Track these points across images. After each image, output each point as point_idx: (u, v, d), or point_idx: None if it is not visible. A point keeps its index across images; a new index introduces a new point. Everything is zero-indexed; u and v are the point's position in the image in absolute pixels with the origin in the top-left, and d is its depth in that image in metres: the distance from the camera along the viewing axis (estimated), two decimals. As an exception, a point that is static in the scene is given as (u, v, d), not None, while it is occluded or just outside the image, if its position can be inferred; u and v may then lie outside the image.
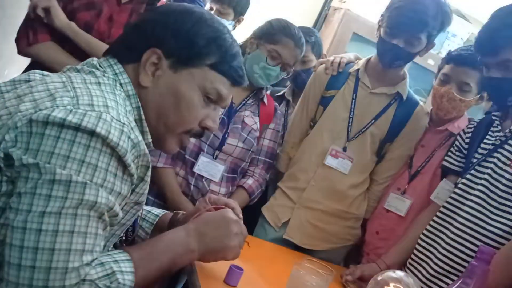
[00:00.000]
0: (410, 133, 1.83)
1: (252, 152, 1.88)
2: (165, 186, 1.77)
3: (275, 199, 1.93)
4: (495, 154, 1.43)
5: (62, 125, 0.76)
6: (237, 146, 1.81)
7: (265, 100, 1.92)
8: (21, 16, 1.64)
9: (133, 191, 0.89)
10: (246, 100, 1.88)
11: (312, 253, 1.80)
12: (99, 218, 0.79)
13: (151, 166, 0.91)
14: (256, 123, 1.88)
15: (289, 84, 2.36)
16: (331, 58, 1.93)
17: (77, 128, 0.76)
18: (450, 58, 1.74)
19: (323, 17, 3.63)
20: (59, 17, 1.56)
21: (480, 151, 1.51)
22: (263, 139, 1.92)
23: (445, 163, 1.66)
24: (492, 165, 1.42)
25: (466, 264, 1.37)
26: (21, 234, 0.73)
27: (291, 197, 1.88)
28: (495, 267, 1.19)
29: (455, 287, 0.99)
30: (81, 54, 1.57)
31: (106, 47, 1.03)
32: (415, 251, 1.58)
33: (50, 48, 1.60)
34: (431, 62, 3.18)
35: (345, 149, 1.82)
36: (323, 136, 1.85)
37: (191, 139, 1.74)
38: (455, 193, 1.51)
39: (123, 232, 0.99)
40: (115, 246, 1.03)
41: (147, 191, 0.94)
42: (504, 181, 1.37)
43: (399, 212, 1.78)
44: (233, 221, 1.03)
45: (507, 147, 1.41)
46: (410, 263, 1.59)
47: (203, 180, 1.78)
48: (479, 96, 1.72)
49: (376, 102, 1.82)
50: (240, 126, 1.84)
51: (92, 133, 0.77)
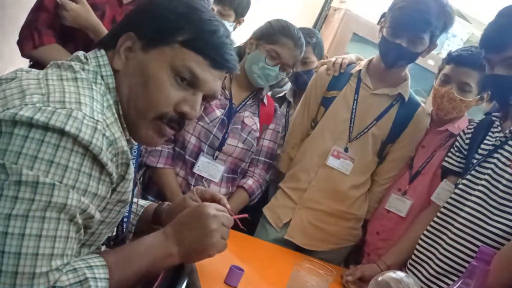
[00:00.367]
0: (411, 134, 1.83)
1: (252, 153, 1.88)
2: (165, 186, 1.77)
3: (276, 199, 1.93)
4: (495, 155, 1.43)
5: (30, 124, 0.73)
6: (237, 146, 1.81)
7: (265, 100, 1.92)
8: (22, 17, 1.64)
9: (114, 190, 0.87)
10: (246, 100, 1.88)
11: (313, 253, 1.80)
12: (70, 221, 0.76)
13: (131, 163, 0.87)
14: (256, 123, 1.88)
15: (288, 83, 2.36)
16: (332, 59, 1.93)
17: (46, 127, 0.74)
18: (451, 58, 1.74)
19: (323, 18, 3.64)
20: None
21: (480, 151, 1.51)
22: (263, 139, 1.93)
23: (445, 163, 1.67)
24: (492, 165, 1.42)
25: (466, 265, 1.37)
26: None
27: (292, 197, 1.88)
28: (495, 267, 1.19)
29: (455, 287, 0.99)
30: None
31: None
32: (415, 252, 1.58)
33: (56, 50, 1.60)
34: (431, 62, 3.18)
35: (346, 149, 1.82)
36: (324, 137, 1.85)
37: (191, 139, 1.77)
38: (455, 193, 1.52)
39: (111, 230, 0.97)
40: (107, 245, 1.02)
41: (130, 189, 0.91)
42: (504, 181, 1.37)
43: (400, 212, 1.78)
44: (210, 217, 0.97)
45: (507, 147, 1.41)
46: (410, 263, 1.59)
47: (203, 180, 1.78)
48: (479, 96, 1.73)
49: (377, 103, 1.82)
50: (240, 127, 1.84)
51: (61, 132, 0.74)
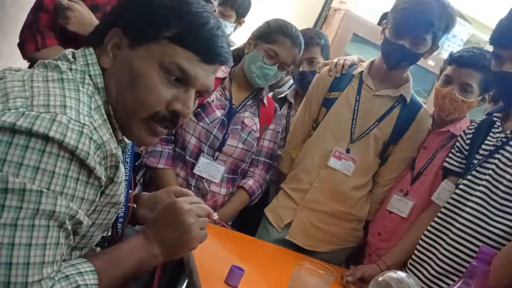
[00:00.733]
0: (413, 136, 1.83)
1: (252, 153, 1.88)
2: (165, 187, 1.76)
3: (277, 200, 1.93)
4: (496, 155, 1.43)
5: (13, 130, 0.71)
6: (237, 147, 1.81)
7: (265, 101, 1.92)
8: (22, 17, 1.64)
9: (103, 193, 0.85)
10: (246, 101, 1.88)
11: (314, 254, 1.80)
12: (59, 227, 0.75)
13: (121, 166, 0.85)
14: (256, 124, 1.88)
15: (287, 84, 2.36)
16: (335, 60, 1.93)
17: (30, 133, 0.71)
18: (452, 59, 1.74)
19: (323, 18, 3.63)
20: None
21: (481, 152, 1.51)
22: (263, 140, 1.93)
23: (446, 164, 1.67)
24: (493, 166, 1.42)
25: (467, 265, 1.37)
26: None
27: (294, 198, 1.88)
28: (495, 267, 1.19)
29: (456, 287, 0.99)
30: None
31: None
32: (416, 252, 1.58)
33: (58, 52, 1.59)
34: (431, 63, 3.17)
35: (348, 150, 1.82)
36: (326, 138, 1.85)
37: (192, 140, 1.77)
38: (456, 194, 1.52)
39: (104, 231, 0.96)
40: (101, 246, 1.01)
41: (120, 192, 0.89)
42: (505, 182, 1.37)
43: (401, 213, 1.78)
44: (185, 212, 0.96)
45: (508, 148, 1.41)
46: (411, 263, 1.59)
47: (204, 181, 1.79)
48: (481, 97, 1.73)
49: (379, 104, 1.82)
50: (240, 127, 1.84)
51: (46, 138, 0.72)
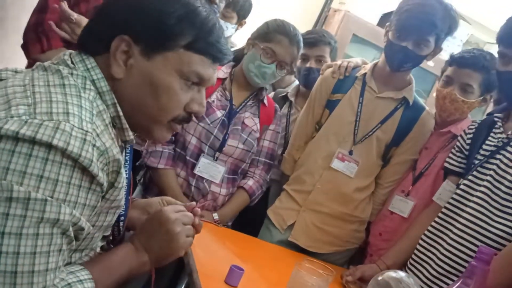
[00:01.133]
0: (416, 138, 1.83)
1: (252, 153, 1.88)
2: (166, 187, 1.77)
3: (280, 201, 1.93)
4: (498, 156, 1.43)
5: (16, 138, 0.70)
6: (237, 147, 1.82)
7: (265, 101, 1.92)
8: (23, 17, 1.64)
9: (103, 197, 0.85)
10: (246, 101, 1.88)
11: (317, 255, 1.80)
12: (63, 234, 0.75)
13: (122, 171, 0.85)
14: (256, 124, 1.89)
15: (291, 85, 2.36)
16: (338, 62, 1.93)
17: (33, 142, 0.71)
18: (453, 60, 1.75)
19: (323, 19, 3.64)
20: None
21: (482, 152, 1.51)
22: (263, 140, 1.93)
23: (446, 164, 1.67)
24: (494, 166, 1.42)
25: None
26: None
27: (297, 199, 1.88)
28: (496, 268, 1.20)
29: (455, 287, 0.99)
30: None
31: None
32: (416, 252, 1.58)
33: None
34: (430, 63, 3.18)
35: (351, 152, 1.82)
36: (329, 139, 1.86)
37: (192, 140, 1.78)
38: (457, 194, 1.52)
39: (104, 232, 0.96)
40: (102, 248, 1.02)
41: (120, 197, 0.89)
42: (506, 182, 1.37)
43: (402, 213, 1.79)
44: (171, 221, 0.97)
45: (509, 148, 1.41)
46: (411, 263, 1.59)
47: (204, 181, 1.79)
48: (482, 98, 1.73)
49: (382, 106, 1.83)
50: (240, 128, 1.84)
51: (49, 146, 0.71)
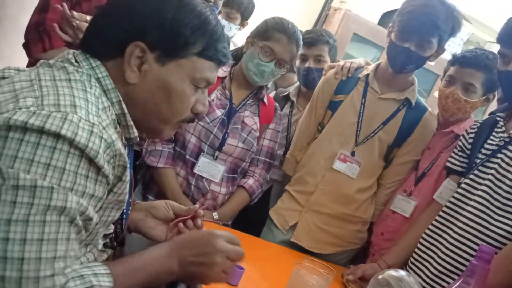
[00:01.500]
0: (418, 139, 1.83)
1: (252, 152, 1.88)
2: (165, 186, 1.77)
3: (282, 202, 1.93)
4: (499, 155, 1.43)
5: (24, 128, 0.72)
6: (237, 146, 1.82)
7: (265, 100, 1.92)
8: (22, 16, 1.64)
9: (110, 191, 0.86)
10: (246, 100, 1.88)
11: (319, 256, 1.79)
12: (70, 223, 0.76)
13: (128, 166, 0.86)
14: (256, 123, 1.88)
15: (293, 85, 2.35)
16: (341, 63, 1.92)
17: (41, 131, 0.72)
18: (455, 60, 1.75)
19: (323, 18, 3.64)
20: None
21: (483, 151, 1.50)
22: (263, 139, 1.93)
23: (448, 163, 1.67)
24: (496, 165, 1.42)
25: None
26: None
27: (299, 200, 1.88)
28: (496, 267, 1.19)
29: (455, 286, 0.99)
30: None
31: None
32: (417, 250, 1.58)
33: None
34: (431, 62, 3.18)
35: (353, 153, 1.82)
36: (331, 140, 1.85)
37: (192, 139, 1.78)
38: (458, 193, 1.51)
39: (108, 228, 0.96)
40: (105, 245, 1.01)
41: (127, 191, 0.90)
42: (507, 182, 1.37)
43: (404, 213, 1.78)
44: (216, 249, 0.96)
45: (511, 147, 1.41)
46: (412, 262, 1.59)
47: (204, 180, 1.79)
48: (485, 97, 1.73)
49: (384, 107, 1.82)
50: (240, 127, 1.84)
51: (57, 135, 0.73)
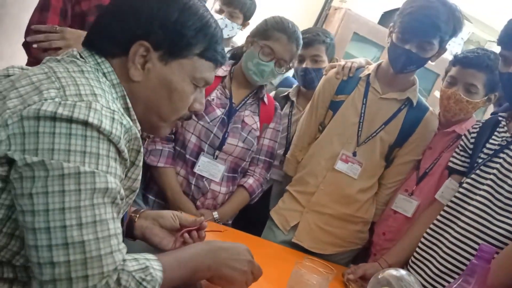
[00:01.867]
0: (419, 139, 1.82)
1: (252, 152, 1.88)
2: (165, 185, 1.77)
3: (283, 202, 1.93)
4: (501, 155, 1.43)
5: (53, 118, 0.75)
6: (237, 145, 1.82)
7: (265, 99, 1.92)
8: (23, 16, 1.64)
9: (125, 175, 0.90)
10: (246, 99, 1.88)
11: (321, 256, 1.78)
12: (112, 203, 0.80)
13: (142, 150, 0.91)
14: (256, 122, 1.88)
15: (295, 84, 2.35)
16: (342, 63, 1.92)
17: (70, 120, 0.76)
18: (457, 60, 1.74)
19: (323, 17, 3.64)
20: None
21: (485, 151, 1.50)
22: (263, 138, 1.92)
23: (450, 163, 1.66)
24: (498, 165, 1.42)
25: (470, 264, 1.37)
26: (46, 233, 0.73)
27: (300, 201, 1.88)
28: (497, 266, 1.19)
29: (456, 285, 0.99)
30: None
31: None
32: (418, 250, 1.58)
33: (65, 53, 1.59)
34: (432, 62, 3.18)
35: (354, 153, 1.82)
36: (332, 141, 1.85)
37: (192, 138, 1.78)
38: (459, 192, 1.51)
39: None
40: None
41: (139, 177, 0.94)
42: (509, 181, 1.37)
43: (406, 213, 1.78)
44: (247, 259, 1.05)
45: None
46: (413, 261, 1.59)
47: (204, 179, 1.79)
48: (486, 97, 1.72)
49: (386, 107, 1.82)
50: (240, 126, 1.84)
51: (85, 123, 0.77)
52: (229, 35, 2.33)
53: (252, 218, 1.97)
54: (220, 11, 2.32)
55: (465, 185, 1.51)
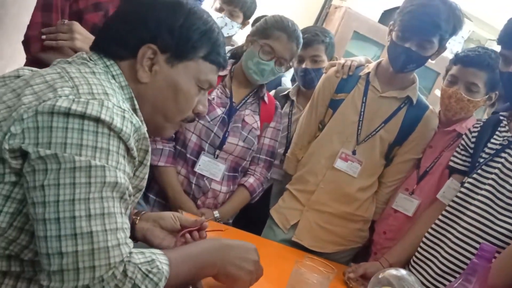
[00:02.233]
0: (419, 137, 1.82)
1: (253, 151, 1.88)
2: (166, 185, 1.77)
3: (283, 201, 1.93)
4: (503, 155, 1.43)
5: (67, 114, 0.78)
6: (237, 145, 1.82)
7: (265, 98, 1.92)
8: (23, 15, 1.63)
9: (133, 174, 0.92)
10: (246, 98, 1.88)
11: (321, 255, 1.78)
12: (120, 198, 0.82)
13: (150, 150, 0.93)
14: (256, 121, 1.88)
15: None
16: (342, 61, 1.91)
17: (83, 116, 0.79)
18: (458, 59, 1.73)
19: (324, 16, 3.64)
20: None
21: (487, 150, 1.50)
22: (264, 137, 1.92)
23: (451, 163, 1.66)
24: (499, 165, 1.42)
25: (472, 264, 1.37)
26: (56, 224, 0.76)
27: (300, 199, 1.88)
28: (498, 266, 1.19)
29: (457, 284, 0.99)
30: None
31: None
32: (419, 250, 1.58)
33: (65, 54, 1.58)
34: (432, 61, 3.18)
35: (354, 152, 1.81)
36: (332, 139, 1.85)
37: (193, 138, 1.79)
38: (461, 192, 1.51)
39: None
40: None
41: (146, 176, 0.97)
42: (511, 181, 1.37)
43: (407, 212, 1.78)
44: (254, 260, 1.06)
45: None
46: (414, 261, 1.59)
47: (204, 179, 1.79)
48: (487, 96, 1.72)
49: (386, 105, 1.82)
50: (240, 125, 1.84)
51: (97, 120, 0.80)
52: (228, 33, 2.33)
53: (253, 217, 1.97)
54: (220, 10, 2.32)
55: (466, 185, 1.50)
